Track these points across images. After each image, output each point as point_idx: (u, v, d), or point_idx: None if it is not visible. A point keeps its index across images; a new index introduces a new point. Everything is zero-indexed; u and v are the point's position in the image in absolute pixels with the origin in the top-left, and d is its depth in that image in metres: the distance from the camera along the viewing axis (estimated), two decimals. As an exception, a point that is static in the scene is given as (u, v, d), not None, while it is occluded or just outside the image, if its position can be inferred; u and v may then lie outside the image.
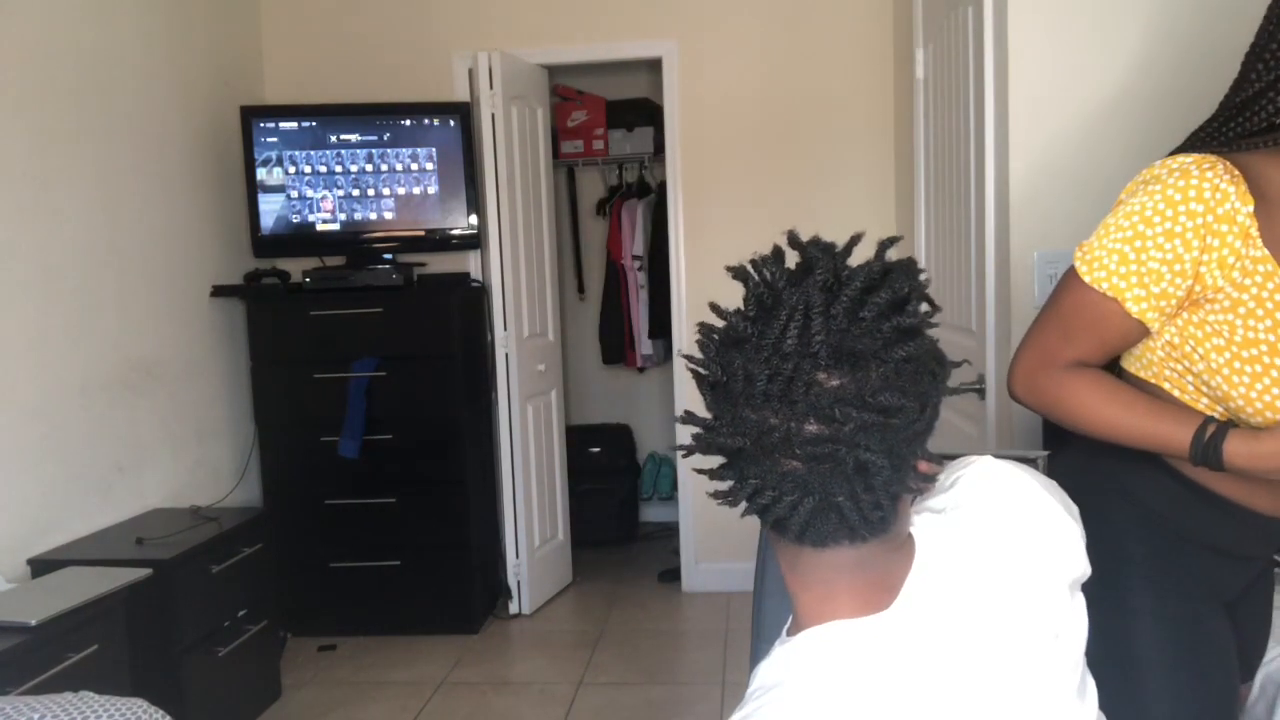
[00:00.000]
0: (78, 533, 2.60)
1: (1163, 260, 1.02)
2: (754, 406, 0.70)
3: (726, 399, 0.72)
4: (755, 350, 0.70)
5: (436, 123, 3.46)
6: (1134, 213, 1.03)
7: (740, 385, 0.70)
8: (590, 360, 4.70)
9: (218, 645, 2.60)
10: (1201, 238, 1.00)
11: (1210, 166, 1.00)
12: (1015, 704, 0.78)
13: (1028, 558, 0.83)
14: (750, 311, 0.73)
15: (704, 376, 0.74)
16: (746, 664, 1.36)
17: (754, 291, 0.73)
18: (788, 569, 0.80)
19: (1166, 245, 1.01)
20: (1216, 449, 1.02)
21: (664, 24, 3.62)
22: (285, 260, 3.50)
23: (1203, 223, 0.99)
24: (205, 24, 3.36)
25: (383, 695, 2.97)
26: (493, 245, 3.46)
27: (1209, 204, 0.99)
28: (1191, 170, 1.01)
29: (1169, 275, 1.02)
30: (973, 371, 2.33)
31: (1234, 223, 0.99)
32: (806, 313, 0.69)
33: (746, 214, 3.61)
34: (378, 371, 3.31)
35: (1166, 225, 1.01)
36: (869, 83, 3.55)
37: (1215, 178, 0.99)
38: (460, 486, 3.39)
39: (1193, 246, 1.00)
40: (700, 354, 0.74)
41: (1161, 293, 1.03)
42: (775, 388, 0.69)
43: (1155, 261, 1.02)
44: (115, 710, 1.52)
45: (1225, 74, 2.12)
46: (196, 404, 3.20)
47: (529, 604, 3.60)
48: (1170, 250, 1.01)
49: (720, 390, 0.73)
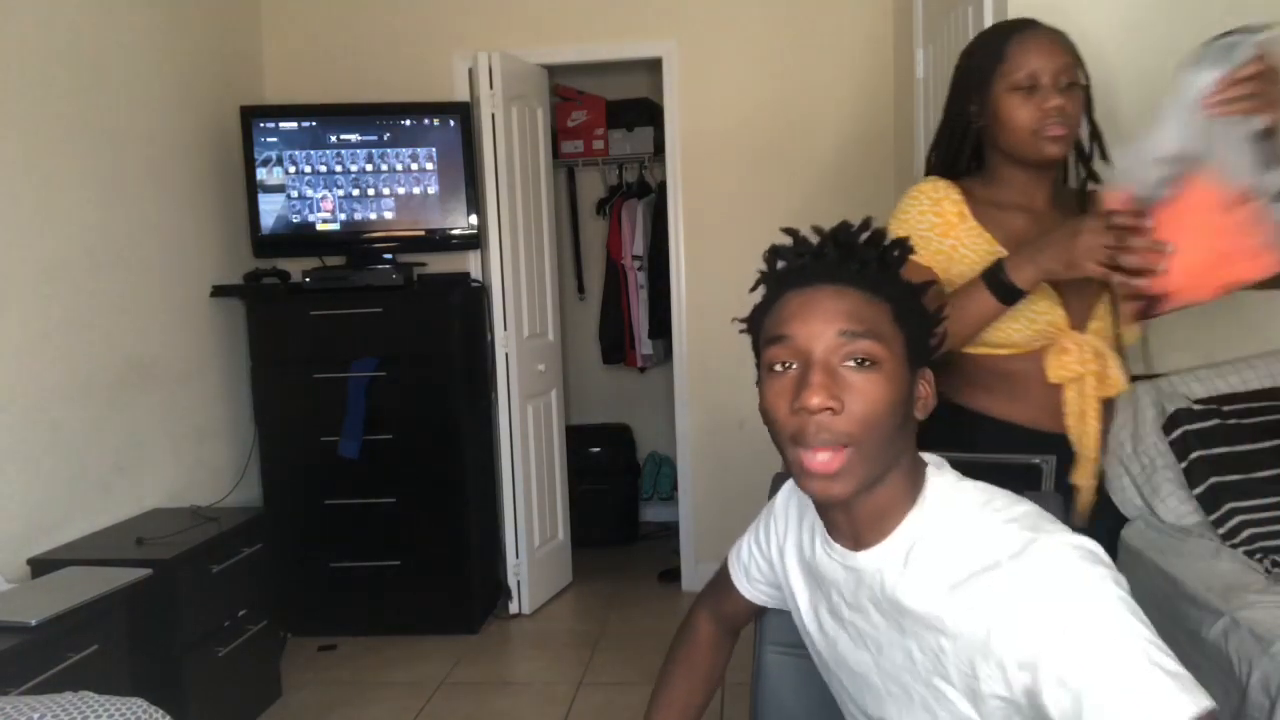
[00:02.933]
0: (78, 533, 2.60)
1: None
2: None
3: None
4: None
5: (436, 123, 3.46)
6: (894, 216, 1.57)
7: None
8: (590, 360, 4.70)
9: (218, 645, 2.59)
10: (931, 225, 1.53)
11: (929, 182, 1.55)
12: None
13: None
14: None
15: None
16: (747, 664, 1.36)
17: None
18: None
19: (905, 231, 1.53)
20: (1001, 276, 1.38)
21: (664, 24, 3.62)
22: (285, 260, 3.50)
23: (916, 217, 1.54)
24: (205, 24, 3.36)
25: (383, 695, 2.97)
26: (493, 245, 3.46)
27: (919, 205, 1.54)
28: (917, 186, 1.56)
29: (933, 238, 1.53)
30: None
31: (945, 214, 1.52)
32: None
33: (746, 214, 3.61)
34: (378, 371, 3.31)
35: (898, 221, 1.56)
36: (869, 82, 3.55)
37: (931, 187, 1.54)
38: (460, 486, 3.39)
39: (935, 228, 1.53)
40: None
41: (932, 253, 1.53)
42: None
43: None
44: (115, 710, 1.52)
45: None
46: (196, 404, 3.20)
47: (529, 604, 3.60)
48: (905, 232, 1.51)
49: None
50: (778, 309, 0.97)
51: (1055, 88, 1.42)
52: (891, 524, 0.96)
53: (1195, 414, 2.04)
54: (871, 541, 0.97)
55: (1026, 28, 1.47)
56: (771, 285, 1.00)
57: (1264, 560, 1.84)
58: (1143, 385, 2.14)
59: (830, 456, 0.90)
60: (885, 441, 0.92)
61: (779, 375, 0.94)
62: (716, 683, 1.30)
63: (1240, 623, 1.59)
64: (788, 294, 0.96)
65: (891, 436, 0.92)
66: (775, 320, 0.96)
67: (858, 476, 0.91)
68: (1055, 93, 1.42)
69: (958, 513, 0.94)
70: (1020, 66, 1.43)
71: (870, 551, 0.97)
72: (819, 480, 0.92)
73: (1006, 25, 1.53)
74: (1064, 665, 0.80)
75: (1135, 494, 2.12)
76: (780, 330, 0.94)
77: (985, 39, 1.53)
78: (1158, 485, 2.07)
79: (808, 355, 0.92)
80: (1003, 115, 1.45)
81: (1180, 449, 2.03)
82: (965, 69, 1.53)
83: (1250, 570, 1.80)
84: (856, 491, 0.92)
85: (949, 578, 0.90)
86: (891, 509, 0.96)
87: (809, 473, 0.92)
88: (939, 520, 0.94)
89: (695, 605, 1.34)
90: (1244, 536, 1.90)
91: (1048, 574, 0.85)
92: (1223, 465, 1.97)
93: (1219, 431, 2.00)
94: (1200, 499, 1.99)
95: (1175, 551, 1.92)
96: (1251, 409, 2.03)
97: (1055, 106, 1.41)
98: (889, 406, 0.91)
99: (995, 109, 1.46)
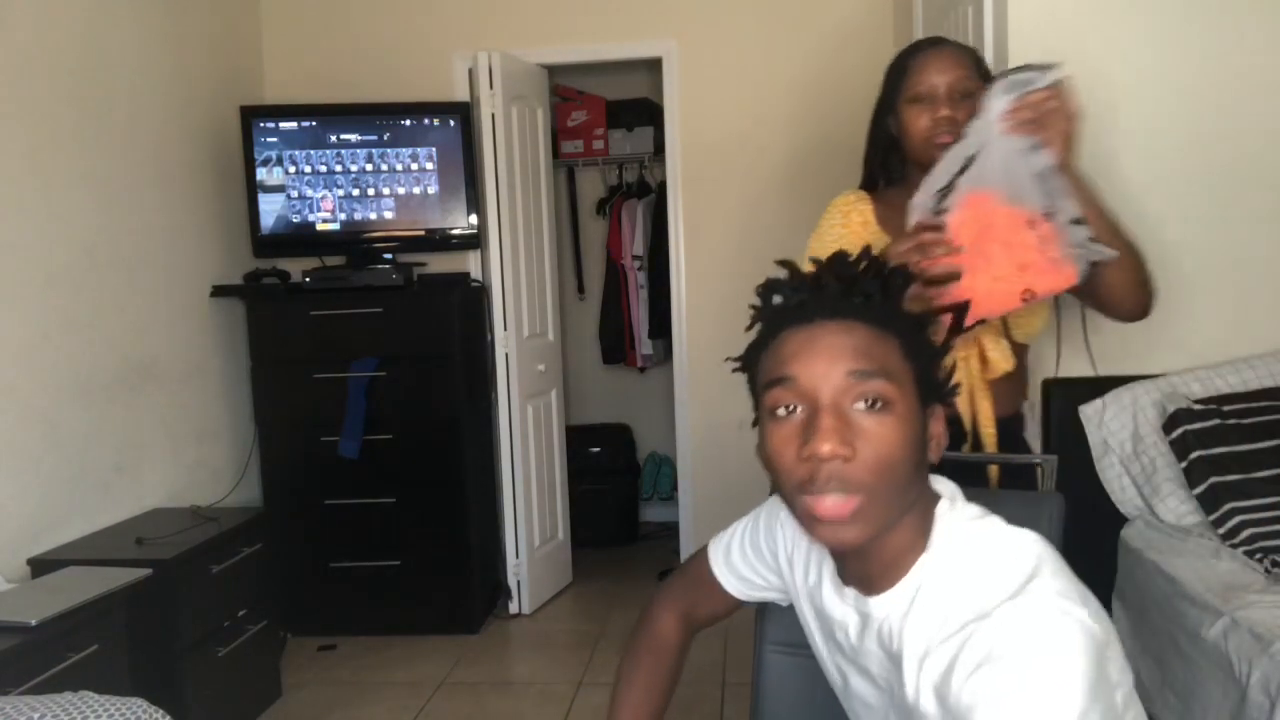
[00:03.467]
0: (78, 533, 2.60)
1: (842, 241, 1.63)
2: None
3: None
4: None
5: (436, 123, 3.46)
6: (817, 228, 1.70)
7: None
8: (590, 360, 4.70)
9: (218, 645, 2.59)
10: (853, 233, 1.66)
11: (851, 193, 1.72)
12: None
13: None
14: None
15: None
16: (747, 664, 1.36)
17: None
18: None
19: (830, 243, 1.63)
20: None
21: (664, 24, 3.62)
22: (285, 260, 3.50)
23: (840, 224, 1.68)
24: (205, 24, 3.36)
25: (383, 695, 2.97)
26: (493, 245, 3.46)
27: (846, 214, 1.69)
28: (841, 197, 1.72)
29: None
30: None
31: (864, 221, 1.66)
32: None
33: (746, 214, 3.61)
34: (378, 371, 3.31)
35: (824, 228, 1.69)
36: (869, 82, 3.54)
37: (852, 198, 1.71)
38: (460, 486, 3.39)
39: (855, 235, 1.65)
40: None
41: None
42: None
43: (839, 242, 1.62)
44: (115, 710, 1.52)
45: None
46: (196, 404, 3.20)
47: (529, 604, 3.60)
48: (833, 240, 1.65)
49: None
50: (776, 348, 0.91)
51: (948, 99, 1.57)
52: (903, 570, 0.91)
53: (1195, 414, 2.04)
54: (883, 587, 0.93)
55: (930, 46, 1.64)
56: (767, 322, 0.93)
57: (1264, 560, 1.84)
58: (1143, 385, 2.14)
59: (843, 500, 0.85)
60: (901, 488, 0.87)
61: (783, 420, 0.88)
62: (676, 684, 1.25)
63: (1240, 623, 1.59)
64: (786, 331, 0.90)
65: (908, 482, 0.88)
66: (775, 360, 0.90)
67: (871, 523, 0.87)
68: (946, 104, 1.57)
69: (961, 558, 0.89)
70: (919, 81, 1.59)
71: (881, 598, 0.93)
72: (830, 526, 0.87)
73: (914, 44, 1.70)
74: None
75: (1135, 494, 2.12)
76: (782, 371, 0.88)
77: (898, 57, 1.68)
78: (1158, 485, 2.08)
79: (814, 398, 0.86)
80: (905, 124, 1.62)
81: (1180, 449, 2.03)
82: (883, 85, 1.69)
83: (1250, 570, 1.80)
84: (870, 538, 0.88)
85: (945, 628, 0.86)
86: (903, 554, 0.91)
87: (819, 519, 0.87)
88: (944, 566, 0.90)
89: (659, 605, 1.28)
90: (1244, 536, 1.90)
91: (1014, 636, 0.80)
92: (1223, 465, 1.97)
93: (1219, 431, 2.01)
94: (1200, 499, 1.99)
95: (1175, 551, 1.92)
96: (1251, 409, 2.03)
97: (944, 116, 1.57)
98: (904, 450, 0.86)
99: (901, 120, 1.63)
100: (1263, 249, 2.15)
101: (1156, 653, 1.88)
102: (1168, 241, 2.13)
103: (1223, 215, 2.14)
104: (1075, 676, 0.77)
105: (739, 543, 1.20)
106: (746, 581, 1.20)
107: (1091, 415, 2.15)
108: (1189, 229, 2.13)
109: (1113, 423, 2.13)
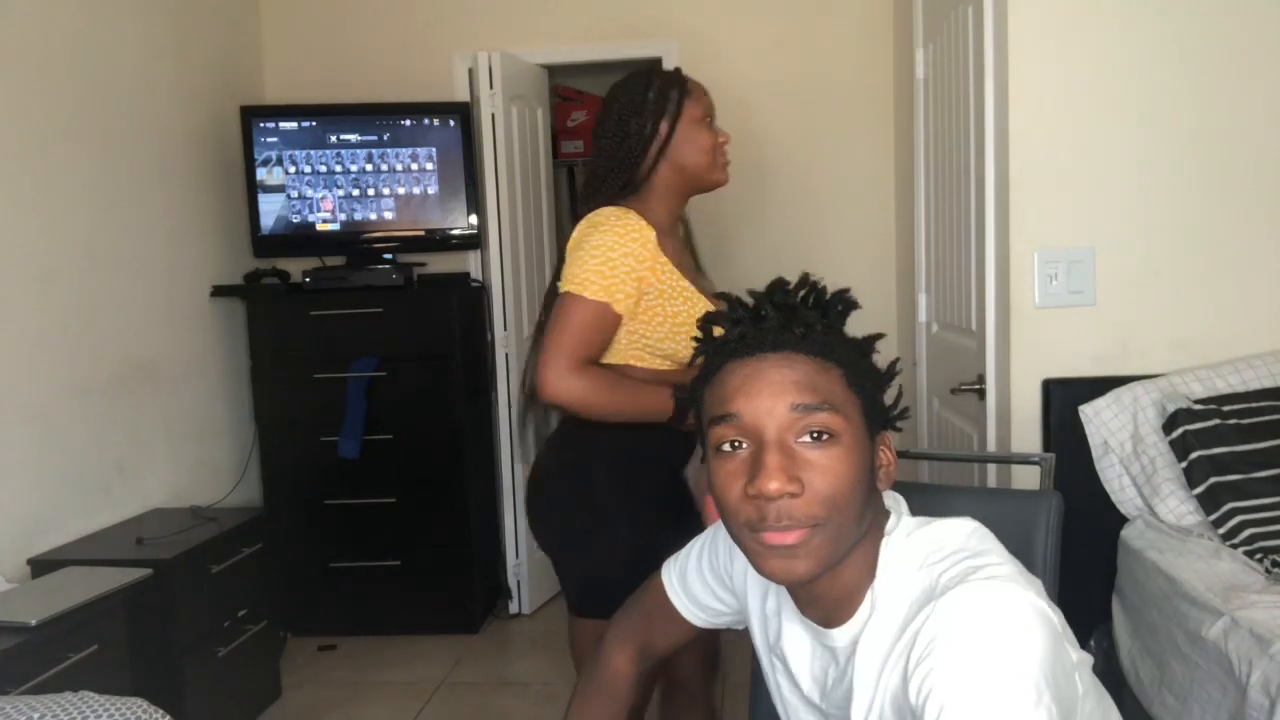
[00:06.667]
0: (78, 533, 2.60)
1: (626, 271, 1.57)
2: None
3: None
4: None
5: (436, 123, 3.46)
6: (597, 247, 1.59)
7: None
8: (590, 360, 4.70)
9: (218, 645, 2.59)
10: (638, 256, 1.59)
11: (629, 213, 1.63)
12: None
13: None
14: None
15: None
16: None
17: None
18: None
19: (625, 263, 1.58)
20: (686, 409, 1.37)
21: (664, 24, 3.62)
22: (285, 260, 3.50)
23: (639, 247, 1.59)
24: (205, 24, 3.36)
25: (383, 695, 2.97)
26: (493, 245, 3.46)
27: (641, 235, 1.60)
28: (625, 217, 1.62)
29: (630, 281, 1.58)
30: (972, 372, 2.33)
31: (650, 244, 1.60)
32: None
33: (746, 214, 3.61)
34: (378, 371, 3.31)
35: (621, 249, 1.58)
36: (869, 82, 3.55)
37: (636, 220, 1.61)
38: (460, 486, 3.39)
39: (642, 260, 1.59)
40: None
41: (627, 294, 1.58)
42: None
43: (621, 272, 1.57)
44: (115, 710, 1.52)
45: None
46: (196, 404, 3.20)
47: (529, 604, 3.60)
48: (627, 265, 1.58)
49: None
50: (719, 382, 0.88)
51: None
52: (859, 598, 0.90)
53: (1195, 414, 2.03)
54: (842, 618, 0.92)
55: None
56: (710, 355, 0.91)
57: (1264, 560, 1.83)
58: (1143, 385, 2.14)
59: (790, 531, 0.83)
60: (853, 519, 0.86)
61: (728, 455, 0.86)
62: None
63: (1240, 623, 1.59)
64: (729, 365, 0.88)
65: (859, 513, 0.86)
66: (719, 396, 0.88)
67: (820, 557, 0.85)
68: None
69: (906, 571, 0.89)
70: (701, 102, 1.69)
71: (842, 629, 0.92)
72: (778, 558, 0.84)
73: (674, 70, 1.75)
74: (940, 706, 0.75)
75: (1135, 494, 2.12)
76: (726, 408, 0.86)
77: (665, 75, 1.72)
78: (1158, 485, 2.07)
79: (759, 435, 0.84)
80: (691, 138, 1.67)
81: (1180, 449, 2.03)
82: (652, 99, 1.68)
83: (1250, 570, 1.80)
84: (820, 571, 0.86)
85: (898, 638, 0.86)
86: (857, 583, 0.90)
87: (768, 548, 0.84)
88: (892, 585, 0.89)
89: (610, 642, 1.23)
90: (1244, 536, 1.89)
91: (963, 617, 0.79)
92: (1223, 465, 1.97)
93: (1219, 431, 2.00)
94: (1200, 499, 1.99)
95: (1175, 551, 1.92)
96: (1251, 409, 2.03)
97: (726, 140, 1.71)
98: (853, 482, 0.85)
99: (683, 133, 1.67)
100: (1262, 249, 2.14)
101: (1156, 653, 1.87)
102: (1167, 241, 2.13)
103: (1222, 215, 2.14)
104: (1032, 652, 0.75)
105: (695, 565, 1.16)
106: (706, 608, 1.16)
107: (1091, 415, 2.14)
108: (1188, 229, 2.13)
109: (1112, 422, 2.13)
